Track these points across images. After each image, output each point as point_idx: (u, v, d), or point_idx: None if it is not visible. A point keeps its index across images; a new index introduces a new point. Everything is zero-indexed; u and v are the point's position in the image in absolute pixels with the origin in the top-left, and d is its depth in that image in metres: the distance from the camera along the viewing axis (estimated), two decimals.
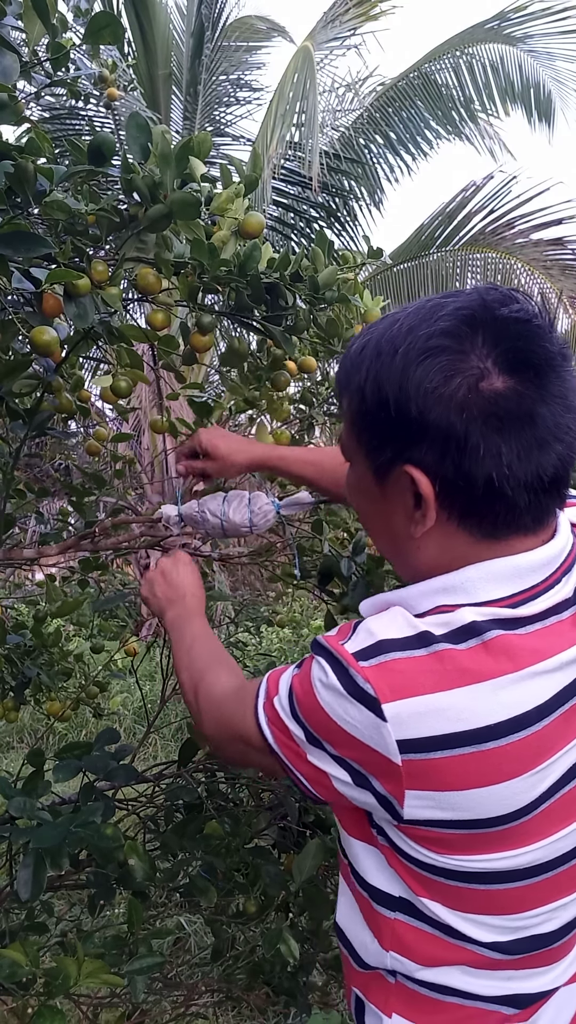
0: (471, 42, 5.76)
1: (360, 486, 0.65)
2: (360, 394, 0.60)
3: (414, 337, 0.56)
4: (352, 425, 0.64)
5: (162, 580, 0.93)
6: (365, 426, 0.61)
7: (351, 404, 0.62)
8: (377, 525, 0.67)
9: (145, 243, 0.94)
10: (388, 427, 0.58)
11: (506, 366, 0.54)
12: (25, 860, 0.90)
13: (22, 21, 1.05)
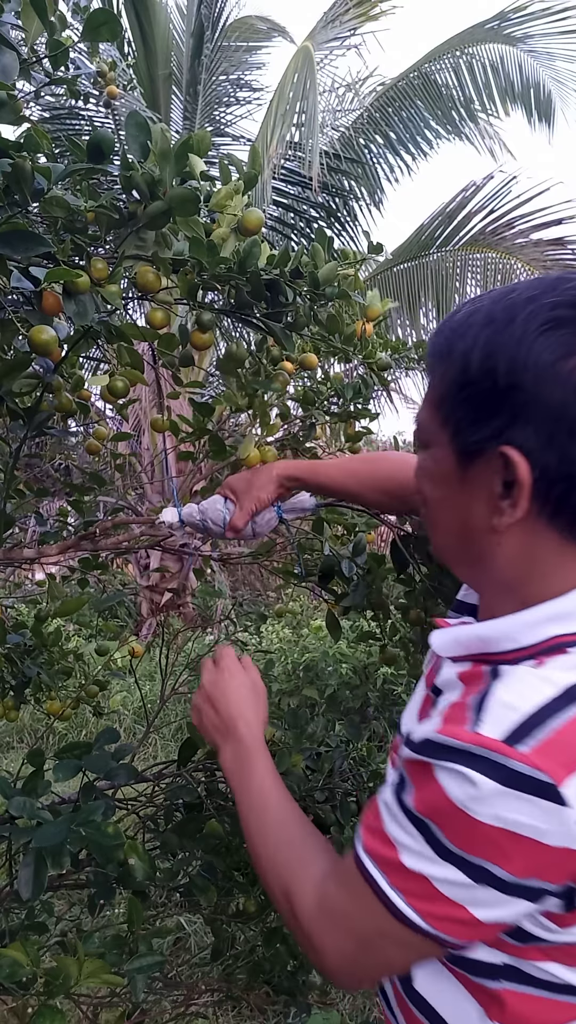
0: (471, 42, 5.76)
1: (436, 471, 0.59)
2: (463, 362, 0.54)
3: (537, 306, 0.51)
4: (442, 400, 0.57)
5: (209, 708, 0.80)
6: (462, 400, 0.55)
7: (447, 375, 0.56)
8: (448, 517, 0.60)
9: (144, 241, 0.94)
10: (491, 402, 0.53)
11: None
12: (26, 859, 0.90)
13: (20, 19, 1.05)
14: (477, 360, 0.53)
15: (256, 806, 0.69)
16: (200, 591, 1.88)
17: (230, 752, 0.77)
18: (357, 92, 6.29)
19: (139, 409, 6.64)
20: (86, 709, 1.82)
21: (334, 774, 1.46)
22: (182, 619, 6.30)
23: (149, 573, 6.62)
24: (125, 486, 1.96)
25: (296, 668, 4.44)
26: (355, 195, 6.11)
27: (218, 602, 5.58)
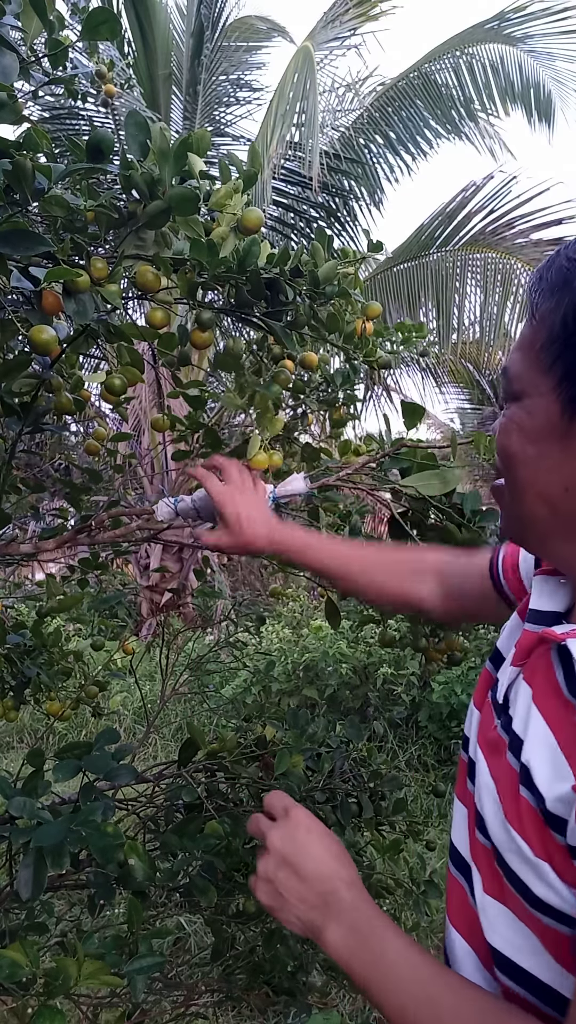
0: (471, 42, 5.76)
1: (532, 425, 0.54)
2: None
3: None
4: (550, 341, 0.52)
5: (289, 875, 0.60)
6: None
7: (561, 309, 0.51)
8: (544, 479, 0.54)
9: (144, 240, 0.94)
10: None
11: None
12: (25, 860, 0.90)
13: (20, 20, 1.05)
14: None
15: (415, 995, 0.51)
16: (200, 591, 1.89)
17: (339, 930, 0.57)
18: (357, 92, 6.29)
19: (139, 409, 6.65)
20: (86, 709, 1.82)
21: (334, 774, 1.45)
22: (182, 619, 6.30)
23: (149, 573, 6.62)
24: (125, 485, 1.96)
25: (296, 668, 4.44)
26: (355, 195, 6.12)
27: (218, 602, 5.58)
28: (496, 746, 0.59)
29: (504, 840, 0.53)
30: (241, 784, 1.45)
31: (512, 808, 0.53)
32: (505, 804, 0.54)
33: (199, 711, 4.47)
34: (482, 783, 0.59)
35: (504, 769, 0.56)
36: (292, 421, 1.46)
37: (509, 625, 0.70)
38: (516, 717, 0.57)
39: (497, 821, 0.55)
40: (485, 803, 0.57)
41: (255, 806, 1.38)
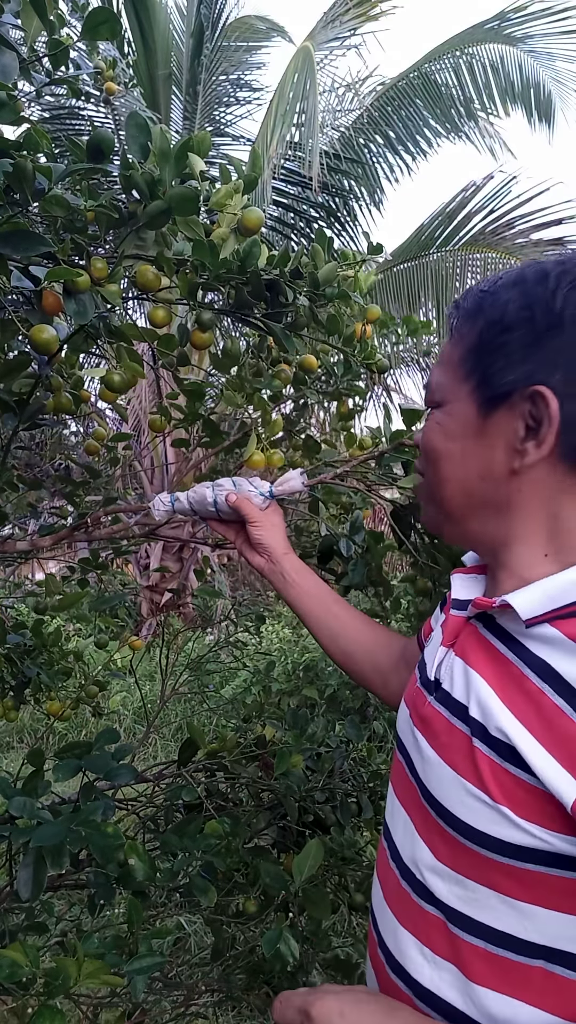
0: (471, 42, 5.76)
1: (452, 424, 0.65)
2: (498, 314, 0.60)
3: (567, 268, 0.59)
4: (468, 354, 0.63)
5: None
6: (492, 349, 0.61)
7: (475, 330, 0.62)
8: (462, 469, 0.65)
9: (144, 240, 0.94)
10: (525, 347, 0.59)
11: None
12: (25, 859, 0.90)
13: (20, 19, 1.05)
14: (513, 311, 0.59)
15: None
16: (200, 591, 1.89)
17: None
18: (357, 92, 6.29)
19: (139, 409, 6.64)
20: (86, 709, 1.82)
21: (334, 774, 1.46)
22: (182, 619, 6.30)
23: (149, 573, 6.62)
24: (124, 485, 1.96)
25: (296, 668, 4.44)
26: (355, 195, 6.11)
27: (218, 602, 5.58)
28: (432, 720, 0.65)
29: (458, 799, 0.59)
30: (241, 784, 1.45)
31: (466, 766, 0.59)
32: (458, 765, 0.60)
33: (199, 711, 4.47)
34: (427, 759, 0.64)
35: (449, 735, 0.62)
36: (295, 414, 1.45)
37: (432, 643, 0.75)
38: (455, 687, 0.64)
39: (450, 784, 0.60)
40: (431, 776, 0.63)
41: (255, 806, 1.39)
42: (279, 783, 1.33)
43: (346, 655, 0.95)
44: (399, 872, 0.66)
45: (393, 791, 0.73)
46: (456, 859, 0.59)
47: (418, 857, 0.63)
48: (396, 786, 0.72)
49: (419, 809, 0.65)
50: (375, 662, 0.94)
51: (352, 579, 1.22)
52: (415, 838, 0.65)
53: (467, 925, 0.58)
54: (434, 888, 0.61)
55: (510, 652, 0.60)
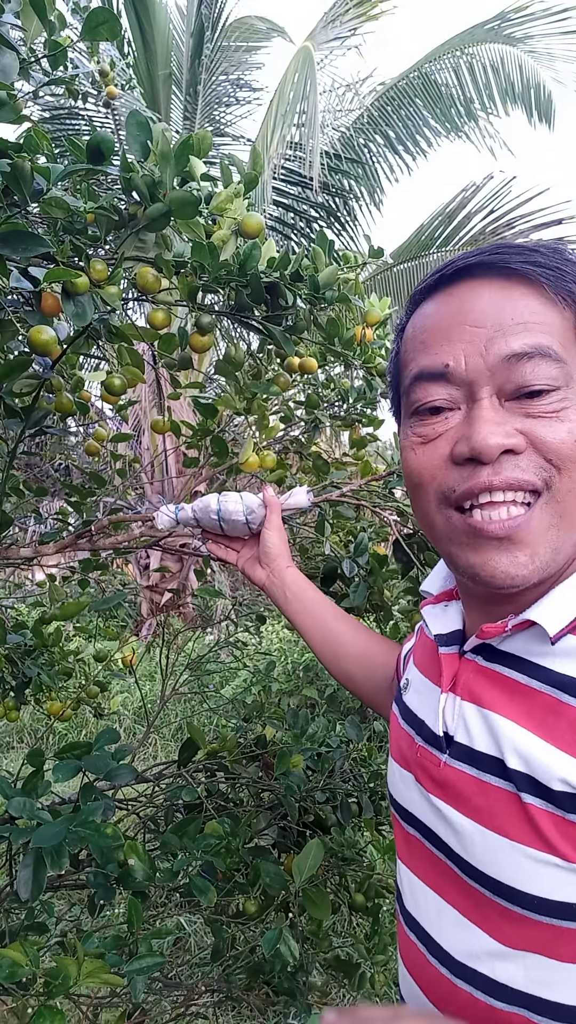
0: (471, 42, 5.76)
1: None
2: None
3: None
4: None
5: None
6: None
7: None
8: None
9: (144, 242, 0.94)
10: None
11: None
12: (25, 860, 0.90)
13: (20, 19, 1.05)
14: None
15: None
16: (200, 591, 1.89)
17: None
18: (357, 92, 6.29)
19: (139, 410, 6.64)
20: (86, 709, 1.83)
21: (335, 774, 1.46)
22: (182, 619, 6.30)
23: (149, 573, 6.62)
24: (125, 486, 1.96)
25: (296, 668, 4.44)
26: (355, 195, 6.11)
27: (218, 602, 5.58)
28: (456, 782, 0.56)
29: (519, 869, 0.50)
30: (241, 784, 1.45)
31: (520, 828, 0.50)
32: (509, 830, 0.51)
33: (199, 711, 4.47)
34: (460, 830, 0.55)
35: (484, 796, 0.53)
36: (306, 435, 1.46)
37: (416, 691, 0.68)
38: (475, 738, 0.55)
39: (505, 854, 0.51)
40: (475, 849, 0.53)
41: (255, 806, 1.39)
42: (279, 783, 1.33)
43: (347, 676, 0.92)
44: (451, 972, 0.55)
45: (411, 872, 0.62)
46: (527, 938, 0.50)
47: (476, 948, 0.53)
48: (413, 866, 0.62)
49: (462, 890, 0.55)
50: (374, 682, 0.90)
51: (353, 601, 1.22)
52: (465, 926, 0.54)
53: (557, 1013, 0.48)
54: (507, 979, 0.50)
55: (532, 679, 0.53)
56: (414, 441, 0.56)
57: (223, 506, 0.95)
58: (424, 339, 0.55)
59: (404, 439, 0.58)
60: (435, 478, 0.54)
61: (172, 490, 5.89)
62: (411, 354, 0.57)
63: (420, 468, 0.55)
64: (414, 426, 0.56)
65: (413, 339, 0.57)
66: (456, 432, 0.53)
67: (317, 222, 6.20)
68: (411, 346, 0.57)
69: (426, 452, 0.55)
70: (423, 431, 0.55)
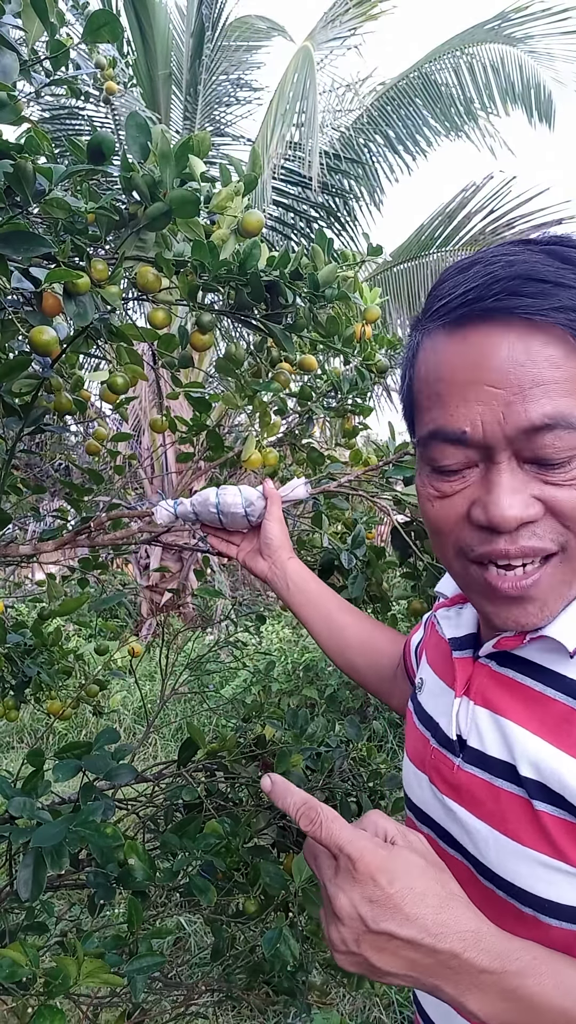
0: (471, 42, 5.76)
1: None
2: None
3: None
4: None
5: (379, 947, 0.45)
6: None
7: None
8: None
9: (145, 242, 0.94)
10: None
11: None
12: (25, 860, 0.90)
13: (21, 19, 1.05)
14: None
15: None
16: (200, 591, 1.89)
17: (485, 999, 0.45)
18: (357, 92, 6.29)
19: (139, 409, 6.64)
20: (86, 709, 1.83)
21: (334, 774, 1.46)
22: (182, 619, 6.30)
23: (149, 573, 6.62)
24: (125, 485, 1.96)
25: (296, 668, 4.44)
26: (355, 195, 6.12)
27: (218, 602, 5.58)
28: (469, 785, 0.57)
29: (531, 873, 0.51)
30: (241, 784, 1.45)
31: (532, 834, 0.51)
32: (521, 835, 0.52)
33: (199, 711, 4.48)
34: (473, 831, 0.56)
35: (496, 801, 0.54)
36: (299, 427, 1.46)
37: (431, 691, 0.69)
38: (488, 744, 0.56)
39: (518, 859, 0.52)
40: (488, 851, 0.54)
41: (255, 805, 1.39)
42: None
43: (351, 667, 0.93)
44: None
45: None
46: (540, 940, 0.50)
47: None
48: None
49: (478, 889, 0.56)
50: (379, 672, 0.91)
51: (352, 592, 1.22)
52: None
53: None
54: None
55: (547, 687, 0.53)
56: (431, 494, 0.55)
57: (222, 499, 0.95)
58: (439, 391, 0.52)
59: (422, 486, 0.57)
60: (453, 532, 0.54)
61: (171, 488, 5.89)
62: (426, 401, 0.54)
63: (438, 521, 0.55)
64: (431, 479, 0.55)
65: (427, 384, 0.54)
66: (473, 492, 0.52)
67: (317, 222, 6.21)
68: (426, 391, 0.54)
69: (444, 507, 0.54)
70: (440, 487, 0.54)
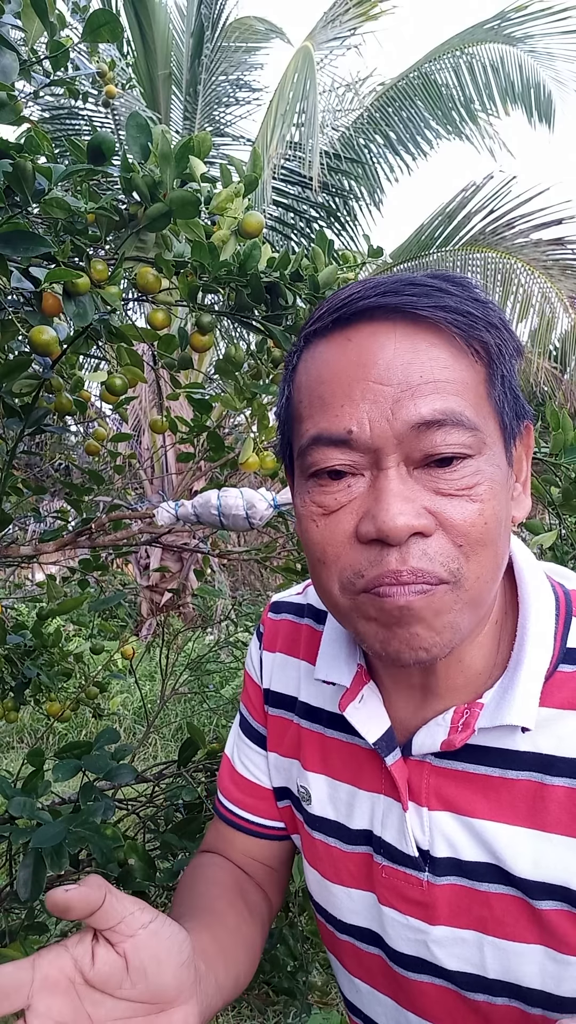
0: (471, 42, 5.77)
1: (499, 478, 0.48)
2: (510, 334, 0.50)
3: None
4: (499, 379, 0.49)
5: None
6: (511, 370, 0.50)
7: (502, 346, 0.49)
8: (503, 542, 0.49)
9: (145, 242, 0.94)
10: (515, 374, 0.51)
11: None
12: (25, 860, 0.90)
13: (21, 19, 1.05)
14: (508, 329, 0.49)
15: None
16: (200, 591, 1.89)
17: None
18: (357, 92, 6.30)
19: (139, 409, 6.65)
20: (86, 710, 1.83)
21: None
22: (182, 619, 6.30)
23: (149, 573, 6.62)
24: (125, 485, 1.97)
25: None
26: (355, 195, 6.12)
27: (218, 602, 5.59)
28: (447, 900, 0.53)
29: (542, 972, 0.49)
30: None
31: (533, 931, 0.49)
32: (522, 934, 0.50)
33: (199, 711, 4.47)
34: (462, 942, 0.52)
35: (485, 907, 0.51)
36: None
37: (327, 793, 0.62)
38: (462, 850, 0.52)
39: (529, 960, 0.49)
40: (484, 955, 0.51)
41: None
42: None
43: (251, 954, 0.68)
44: None
45: (388, 999, 0.60)
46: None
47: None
48: (378, 984, 0.60)
49: (462, 1005, 0.53)
50: (261, 909, 0.72)
51: None
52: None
53: None
54: None
55: (505, 769, 0.51)
56: (313, 511, 0.49)
57: (223, 501, 0.96)
58: (322, 393, 0.48)
59: (303, 506, 0.51)
60: (339, 557, 0.48)
61: (172, 488, 5.89)
62: (307, 408, 0.50)
63: (323, 545, 0.49)
64: (313, 493, 0.49)
65: (309, 389, 0.50)
66: (360, 505, 0.47)
67: (317, 222, 6.21)
68: (307, 398, 0.50)
69: (328, 526, 0.49)
70: (323, 500, 0.49)
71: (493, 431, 0.48)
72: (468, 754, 0.52)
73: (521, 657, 0.51)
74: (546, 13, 5.53)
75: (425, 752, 0.53)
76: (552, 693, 0.50)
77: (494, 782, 0.51)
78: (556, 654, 0.51)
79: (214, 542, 1.83)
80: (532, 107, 5.90)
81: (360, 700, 0.57)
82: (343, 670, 0.60)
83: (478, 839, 0.51)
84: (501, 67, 5.77)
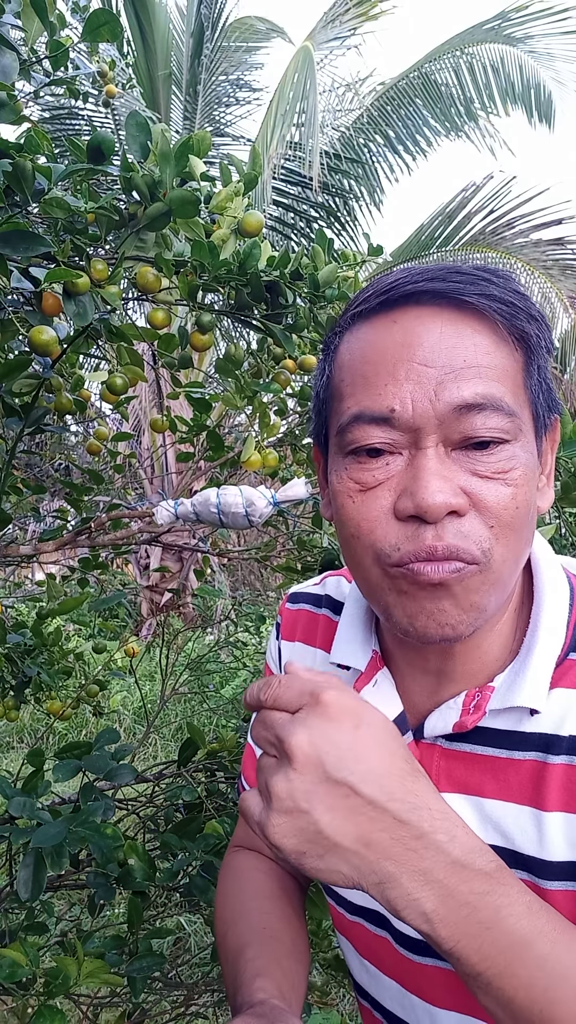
0: (471, 42, 5.77)
1: (531, 465, 0.49)
2: (547, 326, 0.51)
3: None
4: (535, 369, 0.50)
5: (330, 801, 0.40)
6: (544, 364, 0.51)
7: (540, 337, 0.50)
8: (531, 527, 0.51)
9: (145, 242, 0.94)
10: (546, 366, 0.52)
11: None
12: (25, 860, 0.90)
13: (20, 19, 1.06)
14: (546, 323, 0.51)
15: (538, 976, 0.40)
16: (200, 591, 1.89)
17: (442, 894, 0.40)
18: (357, 92, 6.30)
19: (139, 409, 6.65)
20: (86, 709, 1.83)
21: None
22: (182, 619, 6.30)
23: (149, 573, 6.63)
24: (125, 486, 1.97)
25: None
26: (355, 195, 6.12)
27: (218, 602, 5.58)
28: None
29: None
30: None
31: None
32: None
33: (199, 711, 4.48)
34: None
35: None
36: (300, 427, 1.46)
37: None
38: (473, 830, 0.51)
39: None
40: None
41: None
42: None
43: None
44: None
45: (394, 982, 0.61)
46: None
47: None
48: (388, 969, 0.61)
49: (466, 992, 0.54)
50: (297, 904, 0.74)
51: None
52: None
53: None
54: None
55: (514, 750, 0.51)
56: (351, 487, 0.50)
57: (223, 499, 0.96)
58: (365, 372, 0.49)
59: (339, 483, 0.51)
60: (373, 531, 0.49)
61: (171, 488, 5.89)
62: (349, 387, 0.51)
63: (359, 520, 0.50)
64: (351, 470, 0.50)
65: (351, 368, 0.51)
66: (398, 483, 0.48)
67: (317, 222, 6.21)
68: (349, 376, 0.51)
69: (365, 502, 0.49)
70: (361, 477, 0.49)
71: (527, 420, 0.49)
72: (478, 736, 0.53)
73: (533, 643, 0.52)
74: (546, 13, 5.53)
75: (437, 735, 0.54)
76: (561, 679, 0.51)
77: (502, 763, 0.52)
78: (568, 642, 0.52)
79: (214, 541, 1.83)
80: (532, 107, 5.90)
81: (374, 684, 0.58)
82: (358, 655, 0.61)
83: (488, 820, 0.52)
84: (501, 67, 5.77)
